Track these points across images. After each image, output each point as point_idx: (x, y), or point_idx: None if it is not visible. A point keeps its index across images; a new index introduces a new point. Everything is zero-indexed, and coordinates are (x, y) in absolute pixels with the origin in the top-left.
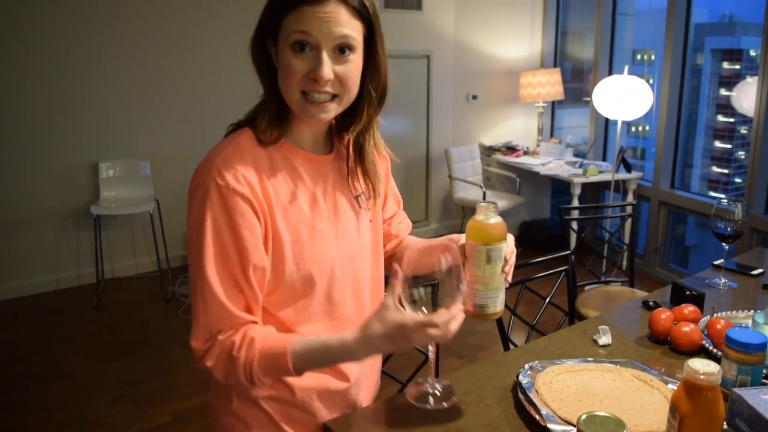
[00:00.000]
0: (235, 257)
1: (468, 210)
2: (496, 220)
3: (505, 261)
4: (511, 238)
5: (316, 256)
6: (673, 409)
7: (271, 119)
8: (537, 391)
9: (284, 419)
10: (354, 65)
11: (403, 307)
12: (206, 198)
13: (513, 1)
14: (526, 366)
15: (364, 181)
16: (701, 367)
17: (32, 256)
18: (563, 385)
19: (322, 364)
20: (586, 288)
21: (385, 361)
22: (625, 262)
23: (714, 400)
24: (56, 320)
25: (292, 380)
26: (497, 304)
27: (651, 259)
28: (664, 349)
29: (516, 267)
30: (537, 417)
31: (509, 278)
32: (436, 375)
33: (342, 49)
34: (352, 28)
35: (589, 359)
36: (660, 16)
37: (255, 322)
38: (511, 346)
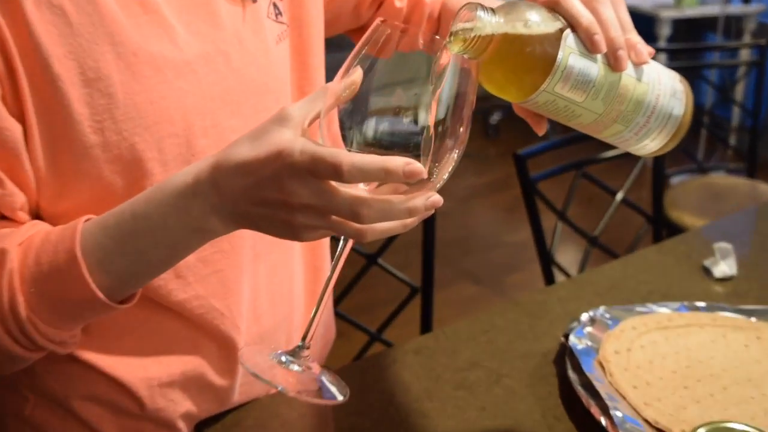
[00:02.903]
0: None
1: None
2: (516, 24)
3: (589, 38)
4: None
5: (145, 111)
6: None
7: None
8: (603, 366)
9: None
10: None
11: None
12: None
13: None
14: (584, 317)
15: None
16: None
17: None
18: (652, 354)
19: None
20: (677, 179)
21: (337, 303)
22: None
23: None
24: None
25: (130, 375)
26: (664, 119)
27: None
28: None
29: (571, 142)
30: (602, 420)
31: (639, 52)
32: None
33: None
34: None
35: (699, 305)
36: None
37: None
38: (558, 275)
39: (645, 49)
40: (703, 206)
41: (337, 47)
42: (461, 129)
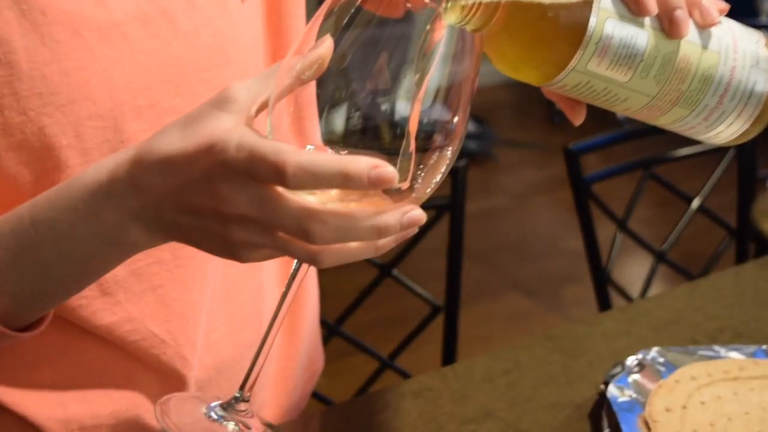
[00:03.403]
0: None
1: None
2: None
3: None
4: None
5: (57, 85)
6: None
7: None
8: (649, 427)
9: None
10: None
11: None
12: None
13: None
14: (631, 360)
15: None
16: None
17: None
18: (714, 414)
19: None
20: None
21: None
22: None
23: None
24: None
25: (43, 415)
26: (743, 97)
27: None
28: None
29: (640, 134)
30: None
31: (705, 11)
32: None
33: None
34: None
35: None
36: None
37: None
38: (615, 297)
39: (714, 6)
40: None
41: None
42: (456, 120)
